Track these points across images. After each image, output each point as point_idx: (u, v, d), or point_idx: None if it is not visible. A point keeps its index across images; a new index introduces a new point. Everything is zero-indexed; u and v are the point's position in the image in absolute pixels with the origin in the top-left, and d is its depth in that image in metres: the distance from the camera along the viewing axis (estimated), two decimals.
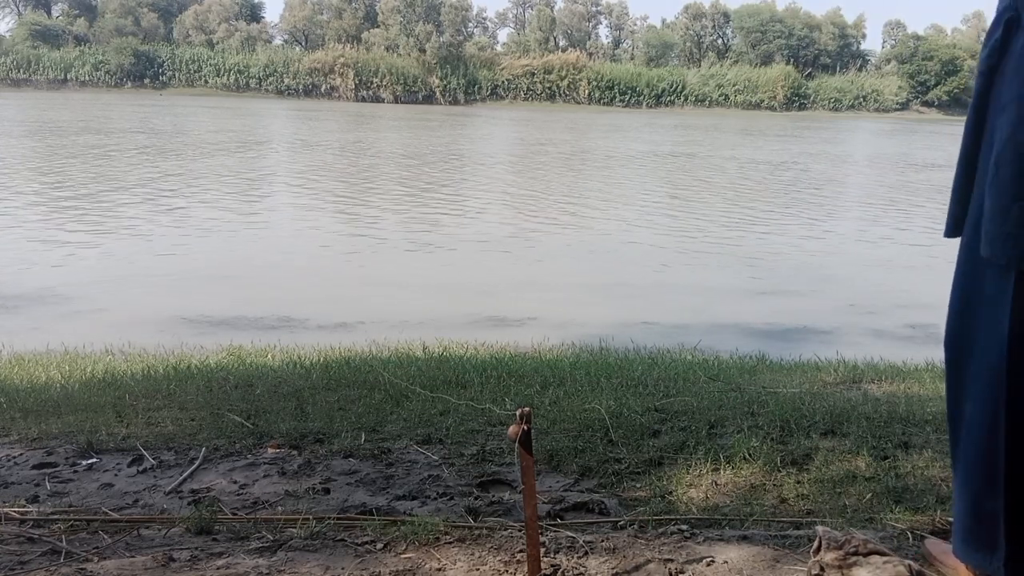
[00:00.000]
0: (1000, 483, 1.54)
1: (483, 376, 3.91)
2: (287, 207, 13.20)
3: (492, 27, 72.44)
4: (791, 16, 64.10)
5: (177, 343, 5.78)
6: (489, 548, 1.98)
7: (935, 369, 4.71)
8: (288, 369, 4.35)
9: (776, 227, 12.37)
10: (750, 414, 3.17)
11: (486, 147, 26.00)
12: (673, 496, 2.39)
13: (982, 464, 1.58)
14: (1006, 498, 1.54)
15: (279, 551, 1.99)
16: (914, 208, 14.89)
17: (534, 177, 18.55)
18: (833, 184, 19.07)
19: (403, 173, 18.28)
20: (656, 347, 5.61)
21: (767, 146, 28.91)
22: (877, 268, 9.79)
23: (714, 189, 16.92)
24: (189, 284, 8.09)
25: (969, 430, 1.61)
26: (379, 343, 5.60)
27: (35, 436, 3.04)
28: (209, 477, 2.62)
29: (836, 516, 2.19)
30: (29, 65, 56.37)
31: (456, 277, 8.76)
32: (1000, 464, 1.53)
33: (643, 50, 65.68)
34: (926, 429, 3.00)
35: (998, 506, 1.56)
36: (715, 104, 58.30)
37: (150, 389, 3.81)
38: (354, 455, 2.79)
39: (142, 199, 13.09)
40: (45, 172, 16.05)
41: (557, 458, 2.70)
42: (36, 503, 2.38)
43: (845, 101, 59.40)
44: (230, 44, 59.53)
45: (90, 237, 10.10)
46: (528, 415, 1.69)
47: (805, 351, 5.50)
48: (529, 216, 12.77)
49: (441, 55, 57.35)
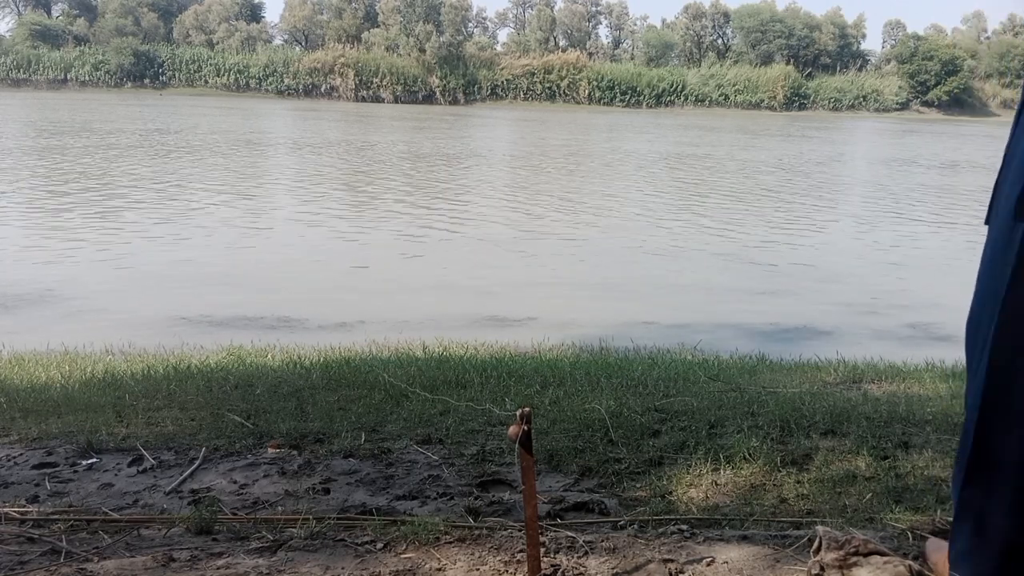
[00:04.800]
0: (963, 462, 1.46)
1: (483, 376, 3.91)
2: (287, 207, 13.19)
3: (492, 27, 72.45)
4: (791, 16, 64.07)
5: (177, 343, 5.78)
6: (489, 548, 1.98)
7: (935, 369, 4.72)
8: (288, 369, 4.35)
9: (776, 227, 12.37)
10: (750, 414, 3.17)
11: (486, 147, 26.00)
12: (673, 496, 2.39)
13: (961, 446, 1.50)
14: (963, 478, 1.45)
15: (279, 551, 1.99)
16: (915, 208, 14.89)
17: (534, 177, 18.55)
18: (833, 184, 19.07)
19: (403, 173, 18.28)
20: (656, 347, 5.61)
21: (767, 146, 28.90)
22: (877, 268, 9.78)
23: (714, 189, 16.92)
24: (189, 284, 8.09)
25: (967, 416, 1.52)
26: (379, 343, 5.60)
27: (35, 436, 3.04)
28: (209, 477, 2.62)
29: (836, 516, 2.19)
30: (29, 65, 56.35)
31: (456, 277, 8.75)
32: (968, 443, 1.45)
33: (643, 50, 65.66)
34: (926, 429, 3.00)
35: (955, 492, 1.50)
36: (715, 104, 58.27)
37: (150, 389, 3.80)
38: (354, 455, 2.79)
39: (142, 199, 13.08)
40: (45, 172, 16.05)
41: (557, 458, 2.70)
42: (36, 503, 2.38)
43: (845, 101, 59.38)
44: (230, 44, 59.51)
45: (90, 237, 10.10)
46: (528, 415, 1.69)
47: (805, 351, 5.50)
48: (529, 216, 12.77)
49: (441, 55, 57.33)
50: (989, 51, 63.91)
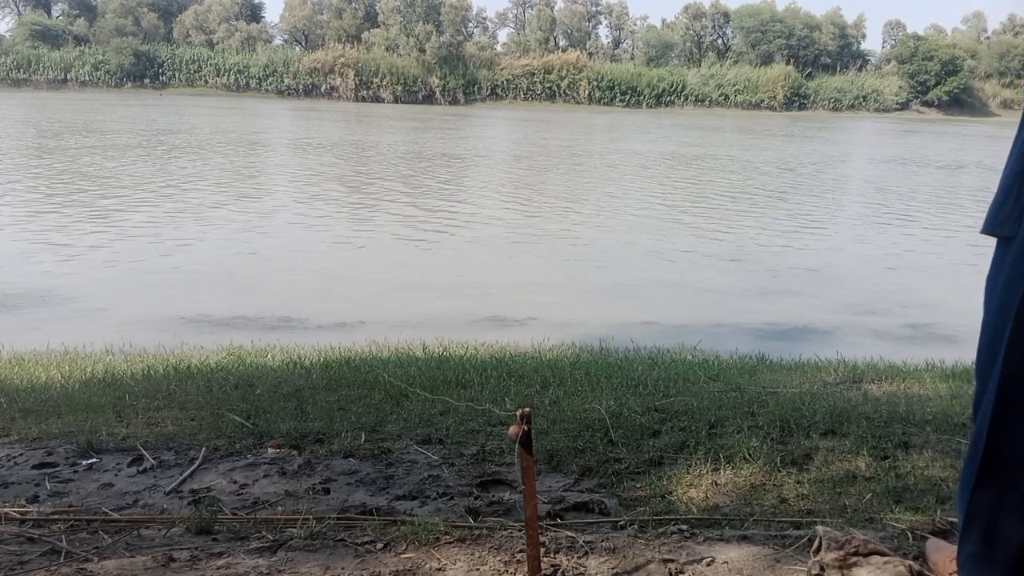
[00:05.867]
0: (974, 465, 1.44)
1: (483, 376, 3.91)
2: (287, 206, 13.19)
3: (492, 27, 72.43)
4: (791, 16, 64.08)
5: (177, 343, 5.78)
6: (489, 548, 1.98)
7: (935, 369, 4.72)
8: (288, 369, 4.35)
9: (776, 227, 12.37)
10: (750, 414, 3.17)
11: (486, 147, 26.00)
12: (673, 496, 2.39)
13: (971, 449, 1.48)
14: (975, 481, 1.42)
15: (279, 551, 1.99)
16: (915, 208, 14.89)
17: (534, 177, 18.55)
18: (833, 184, 19.07)
19: (403, 173, 18.27)
20: (656, 347, 5.61)
21: (769, 146, 28.90)
22: (877, 268, 9.78)
23: (715, 189, 16.91)
24: (189, 284, 8.09)
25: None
26: (379, 343, 5.61)
27: (35, 436, 3.04)
28: (209, 477, 2.62)
29: (836, 516, 2.19)
30: (29, 65, 56.34)
31: (456, 277, 8.75)
32: (981, 446, 1.43)
33: (643, 50, 65.66)
34: (926, 429, 3.00)
35: (963, 495, 1.49)
36: (715, 104, 58.28)
37: (150, 389, 3.80)
38: (354, 455, 2.79)
39: (142, 199, 13.08)
40: (45, 172, 16.05)
41: (557, 458, 2.70)
42: (36, 503, 2.38)
43: (845, 101, 59.39)
44: (230, 44, 59.51)
45: (90, 237, 10.09)
46: (528, 415, 1.69)
47: (805, 351, 5.50)
48: (529, 216, 12.77)
49: (441, 55, 57.33)
50: (989, 51, 63.91)
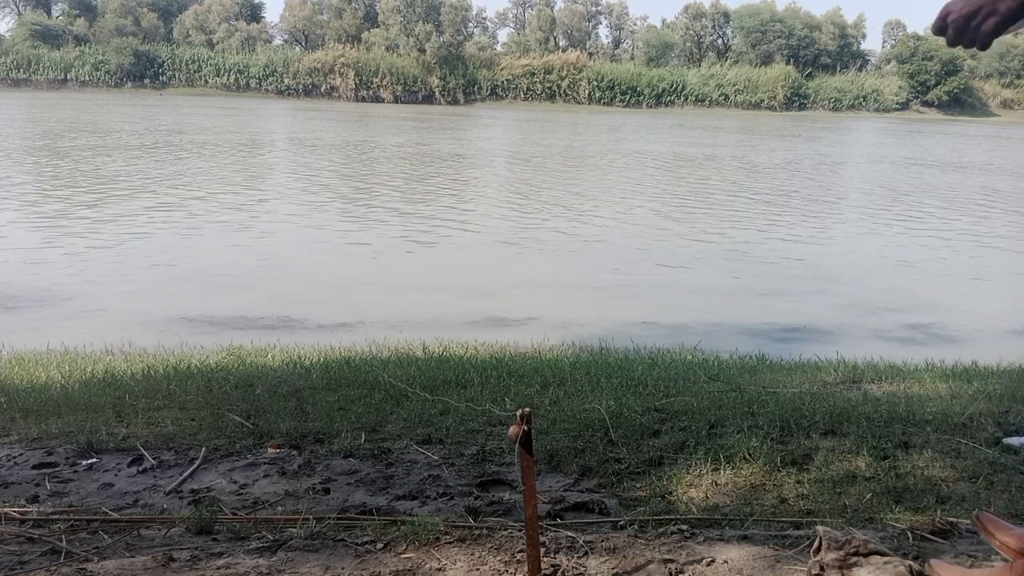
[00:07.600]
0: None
1: (483, 376, 3.91)
2: (287, 207, 13.18)
3: (492, 27, 72.46)
4: (791, 16, 64.04)
5: (177, 343, 5.77)
6: (489, 548, 1.98)
7: (935, 369, 4.72)
8: (288, 369, 4.35)
9: (776, 227, 12.37)
10: (750, 414, 3.17)
11: (486, 147, 25.99)
12: (673, 496, 2.39)
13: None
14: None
15: (279, 551, 1.99)
16: (915, 208, 14.88)
17: (535, 177, 18.54)
18: (833, 184, 19.06)
19: (403, 173, 18.27)
20: (656, 347, 5.61)
21: (770, 146, 28.90)
22: (877, 268, 9.78)
23: (715, 189, 16.91)
24: (189, 284, 8.09)
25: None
26: (379, 343, 5.60)
27: (35, 436, 3.04)
28: (209, 477, 2.62)
29: (836, 516, 2.19)
30: (29, 65, 56.33)
31: (456, 277, 8.75)
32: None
33: (643, 50, 65.63)
34: (926, 429, 3.00)
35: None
36: (715, 104, 58.26)
37: (150, 389, 3.80)
38: (354, 455, 2.79)
39: (142, 199, 13.07)
40: (44, 172, 16.05)
41: (557, 458, 2.70)
42: (36, 503, 2.38)
43: (845, 101, 59.37)
44: (230, 44, 59.49)
45: (90, 237, 10.09)
46: (528, 415, 1.69)
47: (805, 351, 5.50)
48: (529, 216, 12.76)
49: (441, 55, 57.31)
50: (989, 51, 63.86)
